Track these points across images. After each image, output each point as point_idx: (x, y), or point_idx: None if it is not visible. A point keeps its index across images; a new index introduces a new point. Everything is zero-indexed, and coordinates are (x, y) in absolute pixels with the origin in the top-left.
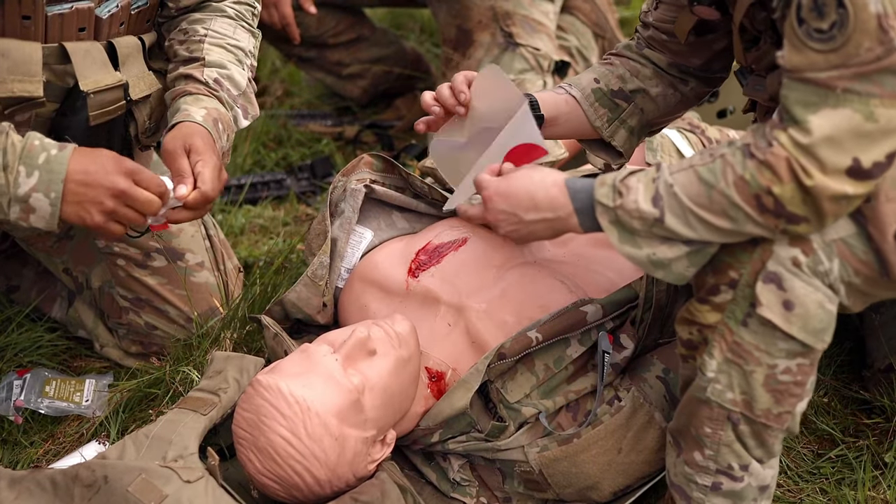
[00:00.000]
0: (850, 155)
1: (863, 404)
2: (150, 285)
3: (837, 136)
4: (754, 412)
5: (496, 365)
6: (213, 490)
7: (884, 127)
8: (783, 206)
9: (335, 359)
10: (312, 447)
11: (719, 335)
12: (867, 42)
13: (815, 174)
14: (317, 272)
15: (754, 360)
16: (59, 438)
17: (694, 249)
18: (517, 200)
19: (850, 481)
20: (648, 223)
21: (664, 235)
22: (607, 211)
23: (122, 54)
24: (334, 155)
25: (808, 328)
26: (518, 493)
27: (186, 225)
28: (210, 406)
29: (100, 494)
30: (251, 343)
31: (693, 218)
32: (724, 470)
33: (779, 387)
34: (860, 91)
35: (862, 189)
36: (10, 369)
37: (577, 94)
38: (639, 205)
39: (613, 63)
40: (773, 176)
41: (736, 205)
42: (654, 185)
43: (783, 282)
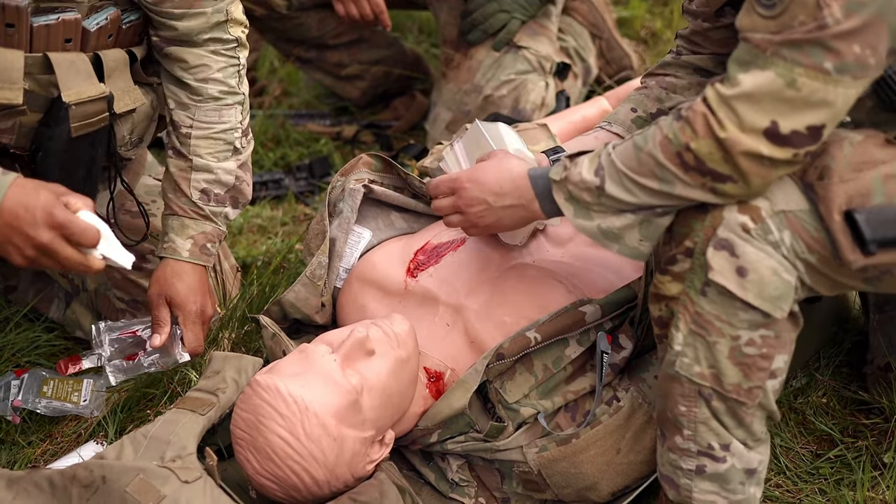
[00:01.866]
0: (768, 117)
1: (862, 405)
2: (146, 287)
3: (757, 95)
4: (724, 387)
5: (495, 365)
6: (211, 490)
7: (806, 97)
8: (703, 163)
9: (334, 359)
10: (311, 447)
11: (682, 306)
12: (802, 15)
13: (729, 127)
14: (315, 272)
15: (716, 331)
16: (56, 438)
17: (643, 218)
18: (487, 187)
19: (849, 482)
20: (595, 194)
21: (613, 206)
22: (560, 187)
23: (109, 67)
24: (332, 155)
25: (763, 295)
26: (516, 493)
27: None
28: (208, 406)
29: (98, 495)
30: (249, 343)
31: (628, 181)
32: (705, 451)
33: (745, 360)
34: (787, 57)
35: (780, 154)
36: (8, 369)
37: (618, 130)
38: (582, 175)
39: (648, 86)
40: (692, 132)
41: (661, 164)
42: (597, 158)
43: (735, 248)
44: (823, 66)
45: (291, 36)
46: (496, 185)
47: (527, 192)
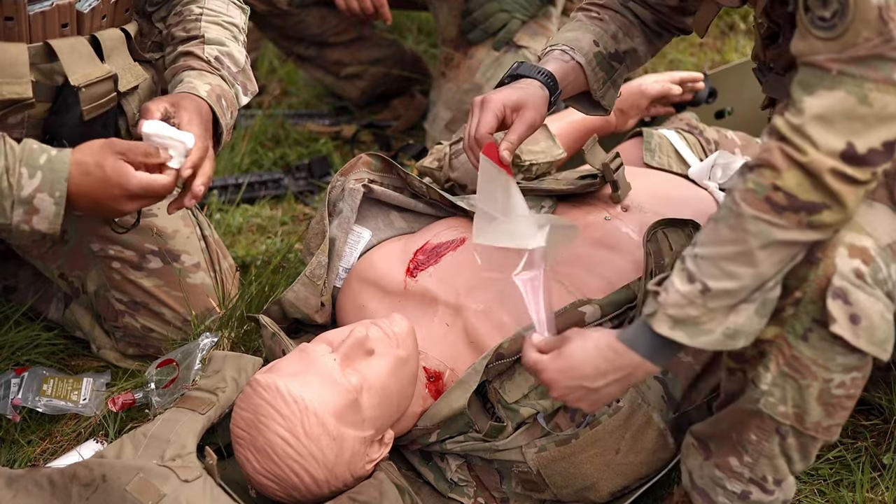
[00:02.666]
0: (843, 138)
1: (861, 405)
2: (146, 287)
3: (829, 116)
4: (805, 425)
5: (494, 365)
6: (210, 489)
7: (878, 112)
8: (795, 197)
9: (333, 358)
10: (310, 447)
11: (777, 349)
12: (866, 32)
13: (809, 150)
14: (315, 272)
15: (811, 375)
16: (56, 437)
17: (759, 303)
18: (581, 374)
19: (849, 483)
20: (699, 303)
21: (723, 304)
22: (660, 320)
23: (107, 47)
24: (332, 154)
25: (873, 340)
26: (516, 493)
27: (182, 226)
28: (208, 405)
29: (98, 493)
30: (249, 342)
31: (726, 263)
32: (758, 480)
33: (832, 400)
34: (854, 74)
35: (861, 174)
36: (8, 368)
37: (581, 60)
38: (679, 290)
39: (604, 18)
40: (772, 171)
41: (752, 217)
42: (683, 270)
43: (849, 296)
44: (893, 77)
45: (292, 33)
46: (593, 370)
47: (631, 361)
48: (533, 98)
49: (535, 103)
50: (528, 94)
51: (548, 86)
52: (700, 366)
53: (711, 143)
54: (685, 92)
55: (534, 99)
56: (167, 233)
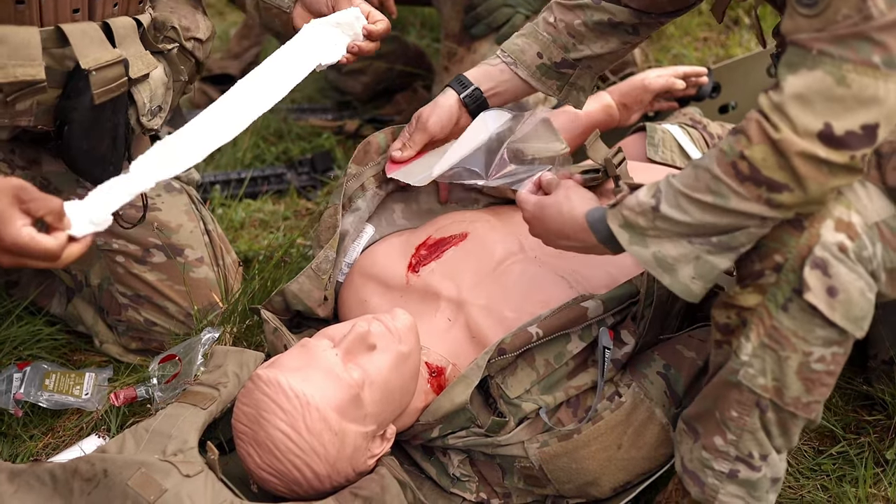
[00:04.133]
0: (821, 118)
1: (864, 400)
2: (150, 281)
3: (808, 96)
4: (784, 400)
5: (496, 360)
6: (212, 484)
7: (856, 94)
8: (758, 171)
9: (335, 353)
10: (312, 442)
11: (758, 318)
12: (845, 9)
13: (783, 129)
14: (321, 266)
15: (790, 346)
16: (58, 432)
17: (698, 253)
18: (550, 229)
19: (851, 478)
20: (649, 216)
21: (667, 230)
22: (615, 214)
23: (119, 34)
24: (334, 149)
25: (849, 315)
26: (518, 488)
27: (186, 220)
28: (210, 400)
29: (99, 488)
30: (251, 338)
31: (683, 199)
32: (744, 457)
33: (811, 375)
34: (834, 54)
35: (837, 157)
36: (10, 362)
37: (523, 73)
38: (638, 198)
39: (557, 26)
40: (746, 140)
41: (716, 176)
42: (656, 184)
43: (829, 268)
44: (872, 60)
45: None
46: (558, 230)
47: (588, 238)
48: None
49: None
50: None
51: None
52: (703, 361)
53: (715, 138)
54: (689, 87)
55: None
56: (171, 227)
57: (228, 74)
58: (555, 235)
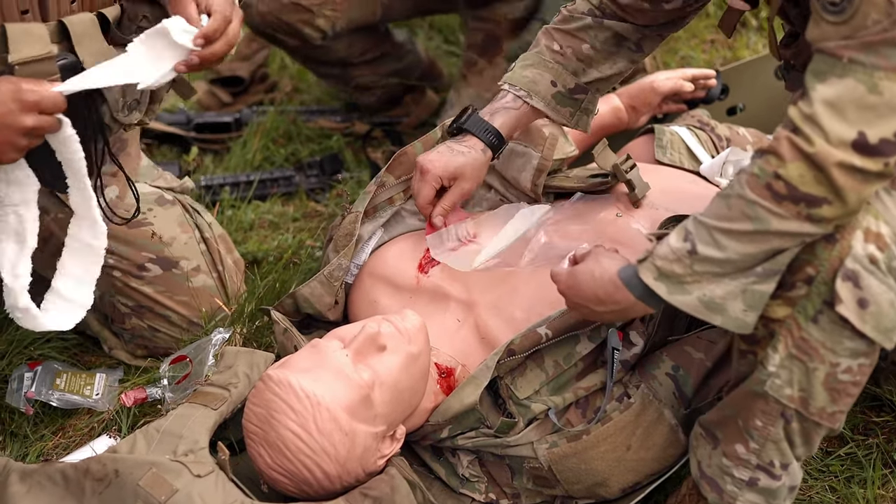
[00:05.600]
0: (855, 127)
1: (873, 401)
2: (149, 294)
3: (840, 105)
4: (809, 410)
5: (506, 361)
6: (223, 484)
7: (889, 101)
8: (796, 188)
9: (345, 354)
10: (322, 442)
11: (787, 330)
12: (874, 14)
13: (817, 141)
14: (334, 273)
15: (819, 358)
16: (68, 432)
17: (745, 286)
18: (585, 296)
19: (860, 479)
20: (686, 262)
21: (708, 271)
22: (647, 267)
23: (76, 32)
24: (343, 151)
25: (879, 327)
26: (527, 489)
27: (179, 233)
28: (220, 401)
29: (111, 488)
30: (261, 338)
31: (719, 234)
32: (766, 466)
33: (838, 386)
34: (865, 62)
35: (871, 165)
36: (22, 362)
37: (540, 105)
38: (671, 245)
39: (564, 53)
40: (777, 159)
41: (751, 201)
42: (683, 228)
43: (860, 279)
44: None
45: (318, 57)
46: (593, 297)
47: (625, 298)
48: (471, 167)
49: (471, 173)
50: (467, 164)
51: (491, 145)
52: (711, 362)
53: (723, 140)
54: (697, 89)
55: (472, 168)
56: (164, 240)
57: (238, 76)
58: (592, 302)
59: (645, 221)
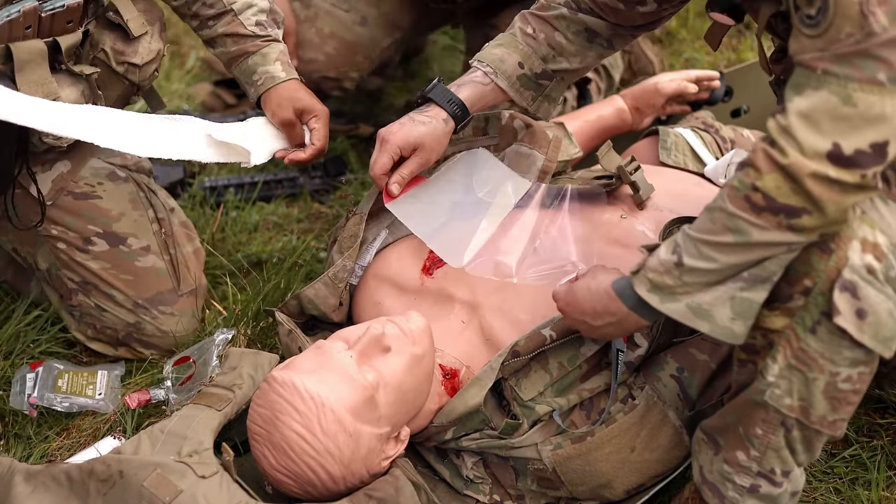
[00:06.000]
0: (829, 139)
1: (877, 403)
2: (94, 269)
3: (814, 117)
4: (810, 419)
5: (510, 363)
6: (227, 485)
7: (863, 112)
8: (773, 200)
9: (350, 355)
10: (327, 443)
11: (785, 340)
12: (848, 27)
13: (791, 152)
14: (338, 274)
15: (818, 368)
16: (73, 433)
17: (733, 293)
18: (582, 310)
19: (864, 481)
20: (675, 273)
21: (696, 282)
22: (640, 280)
23: (20, 60)
24: (348, 153)
25: (878, 337)
26: (531, 490)
27: (129, 209)
28: (225, 402)
29: (115, 489)
30: (265, 340)
31: (704, 246)
32: (766, 473)
33: (838, 395)
34: (838, 73)
35: (848, 176)
36: (23, 362)
37: (503, 83)
38: (660, 258)
39: (537, 38)
40: (755, 171)
41: (732, 214)
42: (674, 238)
43: (858, 290)
44: (877, 77)
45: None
46: (591, 310)
47: (619, 309)
48: (432, 137)
49: (431, 144)
50: (428, 133)
51: (455, 116)
52: (716, 364)
53: (727, 142)
54: (701, 90)
55: (432, 138)
56: (111, 215)
57: None
58: (589, 316)
59: (649, 223)
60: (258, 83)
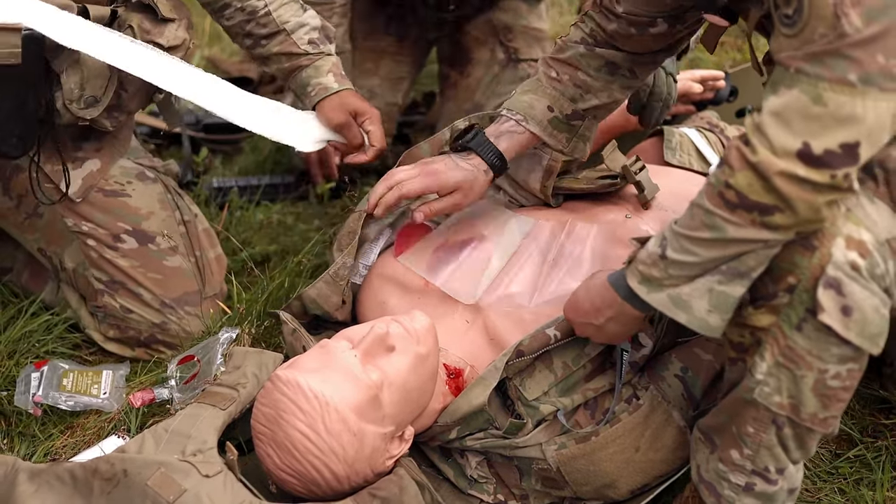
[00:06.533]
0: (799, 138)
1: (882, 403)
2: (123, 267)
3: (786, 115)
4: (800, 416)
5: (514, 362)
6: (231, 484)
7: (833, 112)
8: (745, 197)
9: (354, 355)
10: (331, 442)
11: (772, 338)
12: (821, 27)
13: (761, 150)
14: (339, 272)
15: (806, 365)
16: (77, 431)
17: (710, 286)
18: (585, 310)
19: (869, 482)
20: (661, 266)
21: (679, 274)
22: (632, 272)
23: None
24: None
25: (864, 333)
26: (535, 490)
27: (158, 209)
28: (229, 401)
29: (119, 488)
30: (270, 339)
31: (685, 241)
32: (761, 471)
33: (827, 392)
34: (809, 72)
35: (817, 176)
36: (28, 361)
37: (535, 129)
38: (648, 249)
39: (561, 80)
40: (729, 168)
41: (709, 211)
42: (662, 233)
43: (842, 287)
44: (847, 77)
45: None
46: (591, 307)
47: (614, 298)
48: (470, 184)
49: (468, 190)
50: (468, 180)
51: (494, 166)
52: (720, 364)
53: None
54: (706, 90)
55: (470, 184)
56: (141, 213)
57: (247, 77)
58: (591, 315)
59: (654, 223)
60: (311, 94)
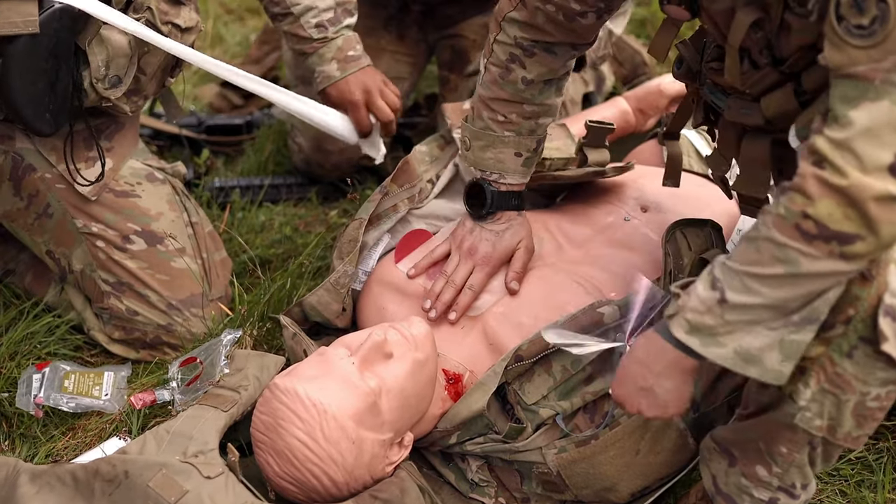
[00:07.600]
0: (891, 150)
1: None
2: (131, 269)
3: (876, 129)
4: (836, 436)
5: (513, 367)
6: (233, 486)
7: None
8: (826, 227)
9: (352, 362)
10: (329, 450)
11: (819, 366)
12: None
13: (851, 172)
14: (340, 280)
15: (851, 390)
16: (78, 433)
17: (783, 336)
18: (632, 376)
19: (870, 483)
20: (717, 312)
21: (740, 320)
22: (677, 322)
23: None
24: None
25: None
26: (536, 493)
27: (167, 210)
28: (231, 403)
29: (120, 489)
30: (271, 341)
31: (749, 279)
32: (787, 488)
33: (865, 412)
34: None
35: None
36: (29, 363)
37: (516, 179)
38: (699, 296)
39: (512, 120)
40: (804, 198)
41: (781, 244)
42: (709, 275)
43: None
44: None
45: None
46: (639, 368)
47: (663, 347)
48: (519, 235)
49: (523, 238)
50: (515, 236)
51: (518, 208)
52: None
53: None
54: None
55: (519, 235)
56: (150, 214)
57: None
58: (640, 377)
59: (653, 225)
60: (317, 81)
